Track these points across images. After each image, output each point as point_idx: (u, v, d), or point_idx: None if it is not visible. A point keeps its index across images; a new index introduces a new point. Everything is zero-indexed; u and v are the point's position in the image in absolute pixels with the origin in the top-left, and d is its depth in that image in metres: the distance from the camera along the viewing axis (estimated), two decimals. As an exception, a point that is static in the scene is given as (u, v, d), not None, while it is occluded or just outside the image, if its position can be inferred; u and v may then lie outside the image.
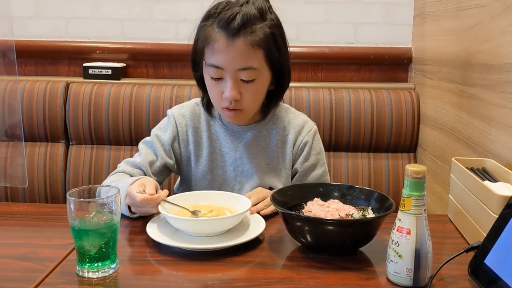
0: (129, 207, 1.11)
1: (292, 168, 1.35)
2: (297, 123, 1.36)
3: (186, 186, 1.38)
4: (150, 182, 1.11)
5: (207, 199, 1.14)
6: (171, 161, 1.33)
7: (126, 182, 1.13)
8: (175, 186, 1.47)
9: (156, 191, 1.09)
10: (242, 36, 1.16)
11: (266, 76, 1.23)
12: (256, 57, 1.18)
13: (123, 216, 0.92)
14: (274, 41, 1.20)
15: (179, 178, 1.43)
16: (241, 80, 1.19)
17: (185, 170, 1.37)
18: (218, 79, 1.20)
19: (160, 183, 1.33)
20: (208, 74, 1.22)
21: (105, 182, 1.26)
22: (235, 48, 1.16)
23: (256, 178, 1.31)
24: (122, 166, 1.30)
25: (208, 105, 1.33)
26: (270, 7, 1.23)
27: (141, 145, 1.34)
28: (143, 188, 1.08)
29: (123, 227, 0.94)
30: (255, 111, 1.29)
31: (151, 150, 1.32)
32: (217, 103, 1.25)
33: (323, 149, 1.39)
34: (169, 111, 1.37)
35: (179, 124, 1.33)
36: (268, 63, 1.21)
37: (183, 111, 1.35)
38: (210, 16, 1.21)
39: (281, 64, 1.24)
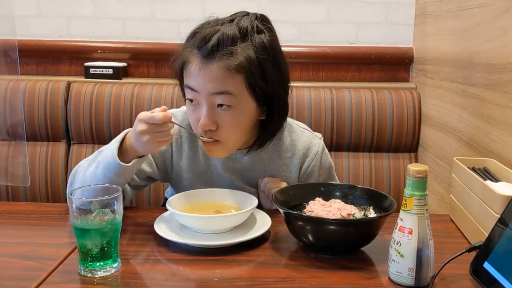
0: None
1: None
2: (301, 145, 1.25)
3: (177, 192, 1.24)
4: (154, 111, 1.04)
5: (213, 197, 1.15)
6: (156, 172, 1.23)
7: (114, 140, 1.07)
8: (165, 193, 1.40)
9: None
10: (218, 58, 1.05)
11: (247, 105, 1.10)
12: (233, 82, 1.06)
13: (124, 213, 0.92)
14: (260, 66, 1.07)
15: (169, 186, 1.35)
16: (218, 105, 1.08)
17: (174, 181, 1.27)
18: (195, 102, 1.11)
19: (138, 190, 1.26)
20: (187, 96, 1.13)
21: (80, 164, 1.16)
22: (208, 71, 1.06)
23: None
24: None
25: None
26: (266, 27, 1.11)
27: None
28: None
29: (125, 226, 0.94)
30: (238, 143, 1.16)
31: None
32: (197, 131, 1.14)
33: (332, 163, 1.31)
34: None
35: (175, 133, 1.21)
36: (250, 90, 1.08)
37: (180, 120, 1.23)
38: (193, 35, 1.11)
39: (268, 93, 1.10)
